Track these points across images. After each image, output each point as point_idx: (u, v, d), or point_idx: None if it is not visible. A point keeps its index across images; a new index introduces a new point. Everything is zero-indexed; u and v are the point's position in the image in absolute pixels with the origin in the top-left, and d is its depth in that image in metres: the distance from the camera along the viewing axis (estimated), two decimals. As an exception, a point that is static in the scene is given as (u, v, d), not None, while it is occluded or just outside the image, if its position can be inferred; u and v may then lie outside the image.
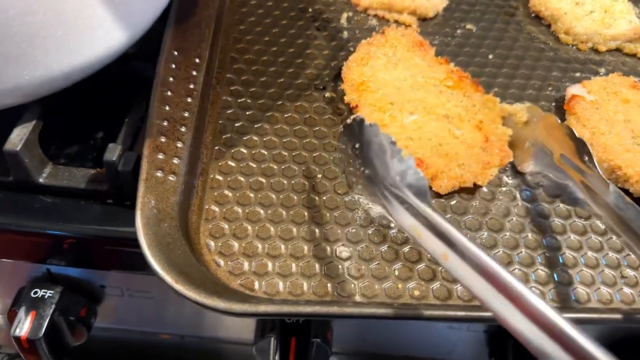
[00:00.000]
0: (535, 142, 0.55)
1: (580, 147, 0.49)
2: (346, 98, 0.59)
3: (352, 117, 0.44)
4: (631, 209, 0.43)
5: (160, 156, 0.49)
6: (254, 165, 0.54)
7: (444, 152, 0.53)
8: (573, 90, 0.62)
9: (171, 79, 0.55)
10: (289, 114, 0.60)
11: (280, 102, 0.61)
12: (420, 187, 0.39)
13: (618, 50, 0.72)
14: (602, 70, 0.69)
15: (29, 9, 0.45)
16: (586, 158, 0.48)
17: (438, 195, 0.53)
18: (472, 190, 0.54)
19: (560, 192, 0.50)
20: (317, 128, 0.59)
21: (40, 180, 0.54)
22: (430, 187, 0.52)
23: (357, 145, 0.44)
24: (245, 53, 0.66)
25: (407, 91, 0.58)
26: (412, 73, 0.61)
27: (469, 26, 0.73)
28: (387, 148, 0.41)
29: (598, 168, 0.47)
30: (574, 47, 0.72)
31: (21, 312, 0.56)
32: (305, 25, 0.70)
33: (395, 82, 0.59)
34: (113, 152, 0.51)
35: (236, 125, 0.58)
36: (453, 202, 0.53)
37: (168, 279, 0.40)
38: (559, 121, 0.53)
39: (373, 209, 0.44)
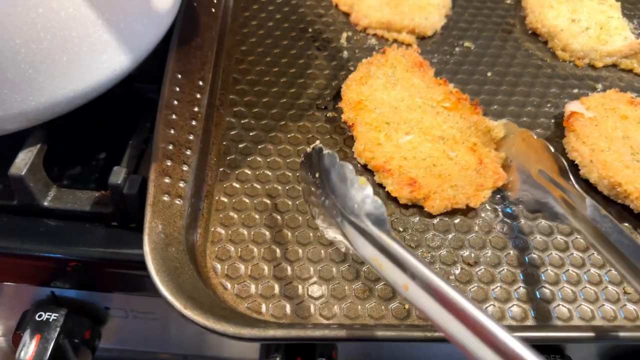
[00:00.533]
0: (514, 159, 0.56)
1: (557, 162, 0.49)
2: (343, 117, 0.60)
3: (311, 146, 0.44)
4: (607, 222, 0.43)
5: (167, 180, 0.49)
6: (259, 187, 0.55)
7: (437, 172, 0.54)
8: (572, 107, 0.63)
9: (175, 102, 0.56)
10: (292, 134, 0.60)
11: (283, 123, 0.61)
12: (378, 215, 0.38)
13: (614, 65, 0.73)
14: (600, 86, 0.70)
15: (36, 36, 0.46)
16: (563, 173, 0.48)
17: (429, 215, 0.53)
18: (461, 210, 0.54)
19: (540, 208, 0.51)
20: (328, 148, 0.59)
21: (45, 203, 0.54)
22: (423, 207, 0.53)
23: (317, 175, 0.44)
24: (248, 74, 0.66)
25: (404, 111, 0.59)
26: (410, 93, 0.61)
27: (467, 44, 0.74)
28: (346, 177, 0.40)
29: (573, 181, 0.48)
30: (571, 64, 0.73)
31: (26, 336, 0.56)
32: (305, 46, 0.71)
33: (393, 102, 0.60)
34: (118, 175, 0.51)
35: (240, 146, 0.58)
36: (436, 221, 0.53)
37: (177, 304, 0.40)
38: (535, 136, 0.53)
39: (337, 238, 0.42)
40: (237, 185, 0.54)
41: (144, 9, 0.55)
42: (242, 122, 0.61)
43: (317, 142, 0.59)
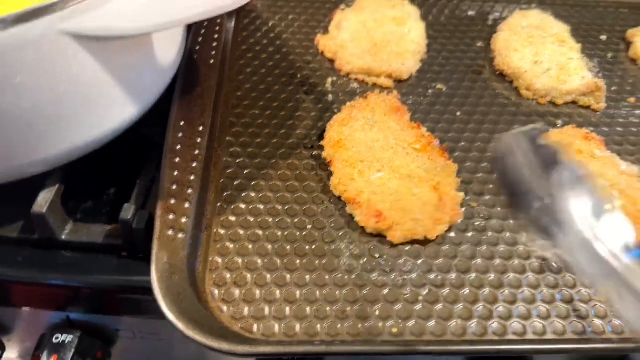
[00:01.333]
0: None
1: None
2: (323, 154, 0.67)
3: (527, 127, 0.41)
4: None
5: (171, 216, 0.57)
6: (252, 219, 0.62)
7: (401, 207, 0.61)
8: (531, 143, 0.70)
9: (178, 146, 0.64)
10: (282, 171, 0.68)
11: (274, 161, 0.69)
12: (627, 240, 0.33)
13: (574, 103, 0.81)
14: (560, 122, 0.78)
15: (60, 97, 0.54)
16: None
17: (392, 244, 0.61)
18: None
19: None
20: (306, 183, 0.67)
21: (63, 237, 0.62)
22: (386, 236, 0.60)
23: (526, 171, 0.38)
24: (243, 117, 0.74)
25: (378, 151, 0.67)
26: (385, 135, 0.69)
27: (439, 86, 0.82)
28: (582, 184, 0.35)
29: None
30: (535, 102, 0.81)
31: (44, 356, 0.63)
32: (295, 90, 0.79)
33: (369, 142, 0.68)
34: (128, 211, 0.58)
35: (235, 183, 0.65)
36: (407, 248, 0.61)
37: (180, 326, 0.47)
38: None
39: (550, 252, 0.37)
40: (233, 219, 0.62)
41: (150, 67, 0.63)
42: (238, 161, 0.68)
43: (307, 181, 0.67)
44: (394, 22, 0.87)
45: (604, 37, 0.94)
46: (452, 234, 0.63)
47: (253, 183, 0.66)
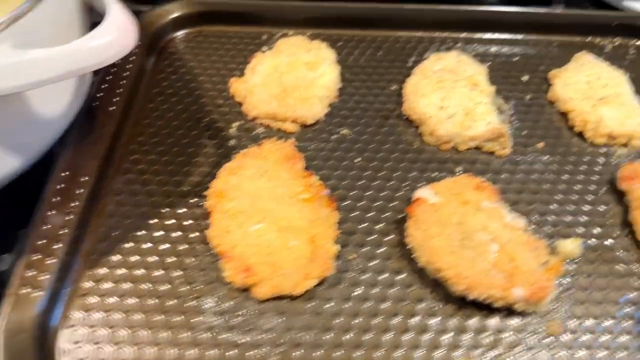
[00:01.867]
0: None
1: None
2: (205, 204, 0.68)
3: None
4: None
5: (30, 273, 0.58)
6: (122, 272, 0.62)
7: (272, 261, 0.61)
8: (419, 193, 0.70)
9: (57, 198, 0.65)
10: (166, 221, 0.68)
11: (160, 210, 0.69)
12: None
13: (478, 149, 0.80)
14: (460, 169, 0.78)
15: None
16: None
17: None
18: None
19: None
20: (187, 234, 0.67)
21: None
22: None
23: None
24: (139, 163, 0.75)
25: (263, 201, 0.67)
26: (273, 185, 0.69)
27: (344, 131, 0.82)
28: None
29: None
30: (437, 148, 0.80)
31: None
32: (198, 135, 0.80)
33: (255, 192, 0.68)
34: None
35: (114, 234, 0.66)
36: (273, 304, 0.61)
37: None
38: None
39: None
40: (102, 272, 0.62)
41: (29, 121, 0.64)
42: (122, 210, 0.69)
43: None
44: (307, 66, 0.88)
45: (525, 78, 0.93)
46: (323, 288, 0.62)
47: (133, 234, 0.67)
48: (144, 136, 0.79)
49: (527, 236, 0.65)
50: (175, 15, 0.96)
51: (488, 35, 1.00)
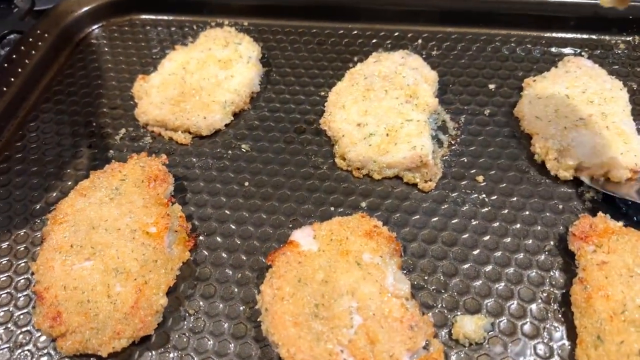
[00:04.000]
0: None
1: None
2: (43, 230, 0.59)
3: None
4: None
5: None
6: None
7: (86, 310, 0.51)
8: (295, 235, 0.56)
9: None
10: (4, 243, 0.61)
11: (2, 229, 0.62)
12: None
13: (399, 178, 0.64)
14: (366, 203, 0.62)
15: None
16: None
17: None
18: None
19: None
20: (22, 264, 0.59)
21: None
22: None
23: None
24: (6, 172, 0.68)
25: (100, 233, 0.56)
26: (121, 212, 0.59)
27: (244, 146, 0.69)
28: None
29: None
30: (349, 174, 0.65)
31: None
32: (78, 142, 0.71)
33: (95, 221, 0.58)
34: None
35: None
36: None
37: None
38: None
39: None
40: None
41: None
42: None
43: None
44: (219, 64, 0.75)
45: (492, 86, 0.74)
46: (142, 348, 0.52)
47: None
48: (24, 140, 0.72)
49: (407, 308, 0.50)
50: (98, 2, 0.87)
51: (458, 29, 0.81)
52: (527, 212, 0.60)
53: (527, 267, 0.56)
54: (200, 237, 0.60)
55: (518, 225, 0.59)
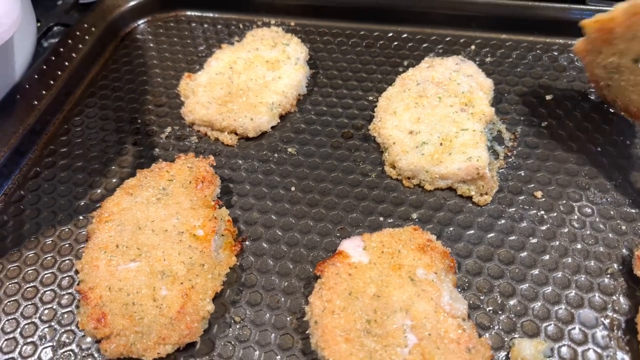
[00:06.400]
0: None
1: None
2: (87, 228, 0.58)
3: None
4: None
5: None
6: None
7: (131, 313, 0.50)
8: (344, 245, 0.54)
9: None
10: (48, 239, 0.60)
11: (46, 225, 0.61)
12: None
13: (452, 190, 0.62)
14: (417, 215, 0.60)
15: None
16: None
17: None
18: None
19: None
20: (66, 261, 0.58)
21: None
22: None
23: None
24: (50, 167, 0.67)
25: (146, 234, 0.55)
26: (168, 213, 0.57)
27: (290, 149, 0.67)
28: None
29: None
30: (399, 184, 0.63)
31: None
32: (123, 139, 0.70)
33: (142, 221, 0.57)
34: None
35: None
36: None
37: None
38: None
39: None
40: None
41: None
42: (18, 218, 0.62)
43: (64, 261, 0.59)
44: (267, 65, 0.74)
45: (549, 97, 0.71)
46: (187, 355, 0.50)
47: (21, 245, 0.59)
48: (69, 135, 0.71)
49: (464, 329, 0.48)
50: (145, -2, 0.87)
51: (513, 36, 0.78)
52: (589, 232, 0.57)
53: (588, 291, 0.53)
54: (246, 242, 0.58)
55: (579, 246, 0.56)
